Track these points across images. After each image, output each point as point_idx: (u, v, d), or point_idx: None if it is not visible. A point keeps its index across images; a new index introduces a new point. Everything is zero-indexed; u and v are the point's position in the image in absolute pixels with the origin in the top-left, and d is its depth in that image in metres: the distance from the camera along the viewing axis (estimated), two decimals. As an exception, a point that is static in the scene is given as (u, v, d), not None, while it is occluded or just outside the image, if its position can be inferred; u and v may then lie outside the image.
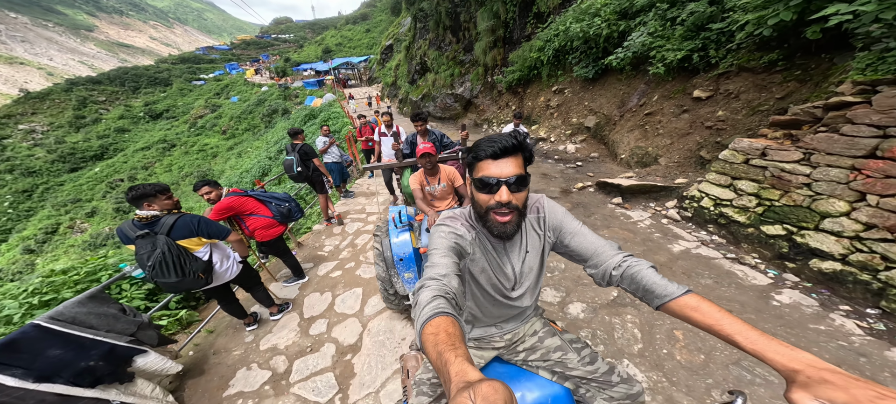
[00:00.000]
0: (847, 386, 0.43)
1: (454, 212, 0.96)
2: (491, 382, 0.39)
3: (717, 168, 3.42)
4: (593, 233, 0.91)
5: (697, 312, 0.64)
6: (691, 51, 4.44)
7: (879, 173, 2.25)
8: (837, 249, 2.44)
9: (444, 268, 0.75)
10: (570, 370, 1.01)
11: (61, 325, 1.73)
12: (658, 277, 0.75)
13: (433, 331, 0.56)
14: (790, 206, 2.75)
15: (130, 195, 1.90)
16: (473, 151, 0.83)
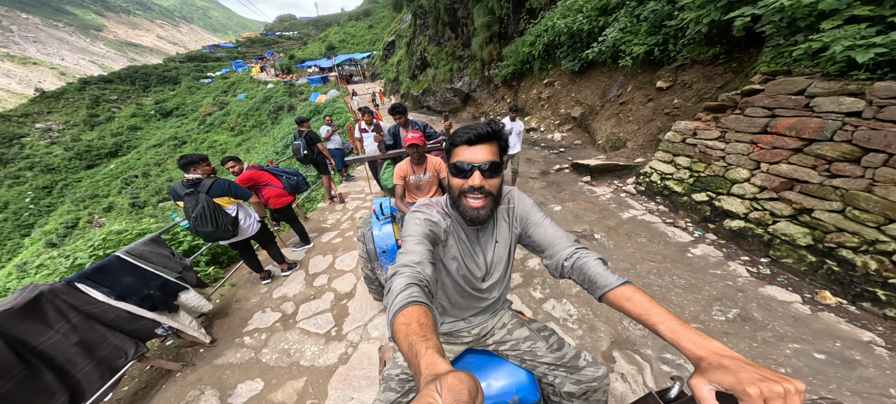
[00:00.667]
0: (737, 370, 0.46)
1: (430, 200, 0.99)
2: (456, 373, 0.41)
3: (663, 147, 3.98)
4: (555, 225, 0.94)
5: (630, 302, 0.69)
6: (653, 46, 4.95)
7: (768, 145, 2.81)
8: (741, 209, 3.00)
9: (417, 256, 0.76)
10: (538, 358, 1.04)
11: (133, 259, 2.41)
12: (601, 268, 0.78)
13: (405, 322, 0.57)
14: (711, 176, 3.32)
15: (181, 162, 2.57)
16: (451, 138, 0.87)
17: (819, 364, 1.91)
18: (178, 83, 58.62)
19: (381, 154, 2.88)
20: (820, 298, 2.36)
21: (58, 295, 1.88)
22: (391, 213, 2.44)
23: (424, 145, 2.32)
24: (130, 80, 58.41)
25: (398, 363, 1.06)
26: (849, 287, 2.29)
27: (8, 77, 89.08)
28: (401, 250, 0.80)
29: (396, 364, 1.06)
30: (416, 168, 2.38)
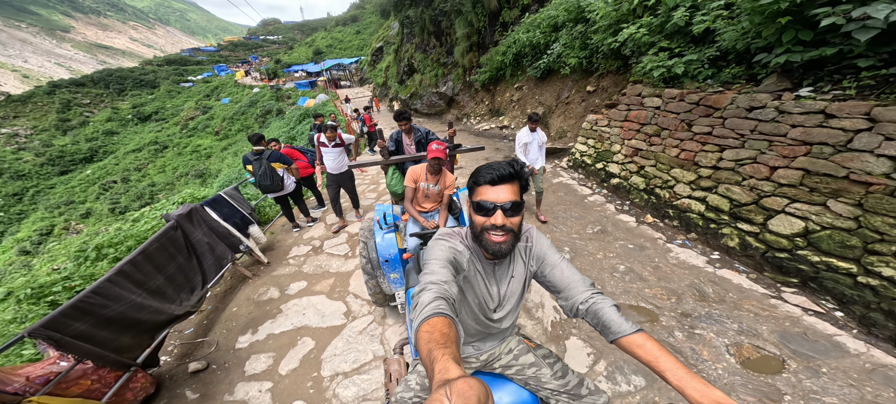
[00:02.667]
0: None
1: (452, 229, 1.08)
2: (466, 379, 0.43)
3: (582, 134, 5.76)
4: (571, 268, 1.01)
5: (642, 349, 0.75)
6: (582, 58, 6.77)
7: (627, 128, 4.59)
8: (617, 171, 4.77)
9: (443, 276, 0.82)
10: (543, 384, 1.12)
11: (228, 197, 3.95)
12: (616, 315, 0.85)
13: (428, 329, 0.62)
14: (603, 151, 5.09)
15: (252, 138, 4.14)
16: (474, 177, 0.93)
17: (628, 250, 3.60)
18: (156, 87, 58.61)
19: (384, 160, 2.95)
20: (645, 219, 4.10)
21: (198, 210, 3.42)
22: (394, 222, 2.51)
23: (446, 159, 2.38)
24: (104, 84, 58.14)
25: (410, 387, 1.10)
26: (658, 210, 4.05)
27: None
28: (426, 271, 0.87)
29: (408, 387, 1.11)
30: (430, 176, 2.45)
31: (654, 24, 4.29)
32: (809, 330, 2.39)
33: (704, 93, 3.58)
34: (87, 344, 1.99)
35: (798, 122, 2.72)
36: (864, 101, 2.39)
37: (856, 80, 2.54)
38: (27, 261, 24.42)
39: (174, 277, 2.83)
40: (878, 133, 2.27)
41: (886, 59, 2.45)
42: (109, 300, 2.22)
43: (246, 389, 2.43)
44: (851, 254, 2.40)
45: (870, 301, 2.29)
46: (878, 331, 2.28)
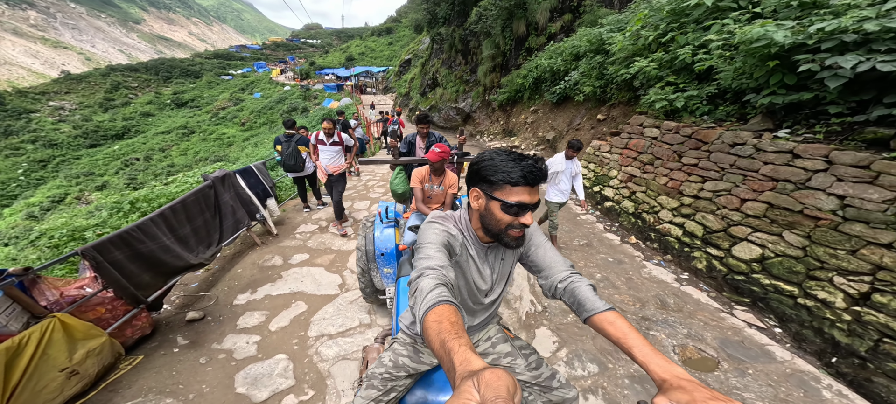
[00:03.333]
0: (692, 391, 0.55)
1: (445, 213, 1.06)
2: (494, 370, 0.43)
3: (585, 158, 6.06)
4: (553, 249, 1.04)
5: (612, 326, 0.77)
6: (597, 87, 7.14)
7: (625, 156, 4.87)
8: (611, 194, 5.03)
9: (440, 260, 0.83)
10: (517, 374, 1.14)
11: (256, 169, 4.50)
12: (591, 294, 0.87)
13: (436, 319, 0.63)
14: (601, 175, 5.37)
15: (286, 123, 4.73)
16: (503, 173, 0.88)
17: (608, 262, 3.86)
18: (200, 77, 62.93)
19: (394, 159, 3.06)
20: (629, 239, 4.33)
21: (231, 176, 3.96)
22: (394, 218, 2.60)
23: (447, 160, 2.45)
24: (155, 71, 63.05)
25: (383, 362, 1.14)
26: (642, 233, 4.27)
27: (34, 57, 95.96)
28: (421, 255, 0.87)
29: (381, 363, 1.14)
30: (433, 178, 2.51)
31: (664, 59, 4.63)
32: (747, 339, 2.62)
33: (698, 127, 3.86)
34: (118, 272, 2.42)
35: (769, 160, 2.97)
36: (826, 144, 2.64)
37: (826, 125, 2.79)
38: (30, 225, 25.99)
39: (199, 230, 3.31)
40: (832, 174, 2.52)
41: (853, 107, 2.70)
42: (147, 237, 2.69)
43: (234, 340, 2.74)
44: (795, 279, 2.61)
45: (804, 319, 2.49)
46: (806, 346, 2.49)
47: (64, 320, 1.95)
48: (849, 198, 2.41)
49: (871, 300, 2.24)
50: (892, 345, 2.11)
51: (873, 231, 2.27)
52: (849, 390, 2.20)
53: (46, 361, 1.80)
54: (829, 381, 2.24)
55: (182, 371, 2.44)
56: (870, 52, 2.40)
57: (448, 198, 2.56)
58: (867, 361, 2.19)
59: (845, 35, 2.50)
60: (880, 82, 2.45)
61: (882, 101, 2.43)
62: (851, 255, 2.36)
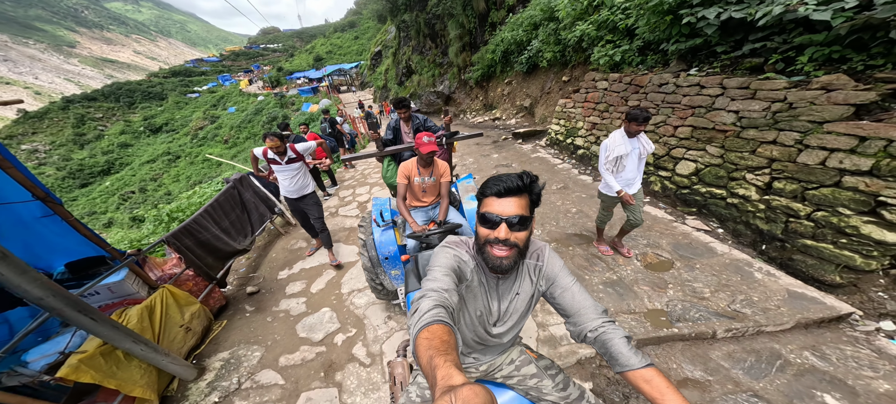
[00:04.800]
0: None
1: (459, 238, 1.07)
2: (472, 386, 0.43)
3: (555, 116, 6.75)
4: (583, 291, 0.98)
5: (648, 385, 0.74)
6: (557, 52, 7.75)
7: (586, 108, 5.57)
8: (581, 143, 5.76)
9: (445, 284, 0.84)
10: (544, 395, 1.12)
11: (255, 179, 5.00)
12: (625, 348, 0.83)
13: (428, 337, 0.63)
14: (570, 128, 6.08)
15: (280, 126, 5.18)
16: (482, 188, 0.92)
17: (582, 198, 4.59)
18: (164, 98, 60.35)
19: (379, 151, 2.83)
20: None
21: (246, 178, 4.48)
22: (392, 218, 2.45)
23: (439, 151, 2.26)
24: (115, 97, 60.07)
25: (411, 399, 1.10)
26: (608, 169, 5.02)
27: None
28: (428, 277, 0.88)
29: (409, 400, 1.10)
30: (422, 170, 2.34)
31: (600, 20, 5.28)
32: (694, 241, 3.35)
33: (635, 75, 4.56)
34: (190, 255, 3.03)
35: (686, 93, 3.69)
36: (720, 75, 3.37)
37: (719, 62, 3.52)
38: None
39: (235, 223, 3.88)
40: (727, 96, 3.26)
41: (733, 46, 3.42)
42: (201, 228, 3.27)
43: (287, 303, 3.41)
44: (722, 183, 3.38)
45: (735, 216, 3.27)
46: (742, 239, 3.25)
47: (171, 289, 2.55)
48: (741, 112, 3.15)
49: (772, 188, 2.98)
50: (796, 223, 2.78)
51: (762, 132, 3.03)
52: (775, 269, 2.73)
53: (169, 319, 2.40)
54: (759, 265, 2.84)
55: (256, 328, 3.10)
56: (727, 4, 3.10)
57: (444, 189, 2.35)
58: (784, 242, 2.86)
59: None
60: (745, 26, 3.17)
61: (749, 39, 3.15)
62: (752, 155, 3.11)
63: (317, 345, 2.83)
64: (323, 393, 2.41)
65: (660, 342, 2.50)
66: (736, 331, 2.43)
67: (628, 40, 4.89)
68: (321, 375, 2.55)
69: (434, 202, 2.54)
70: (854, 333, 2.35)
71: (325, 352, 2.75)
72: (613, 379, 2.27)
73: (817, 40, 2.70)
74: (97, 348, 1.95)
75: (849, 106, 2.43)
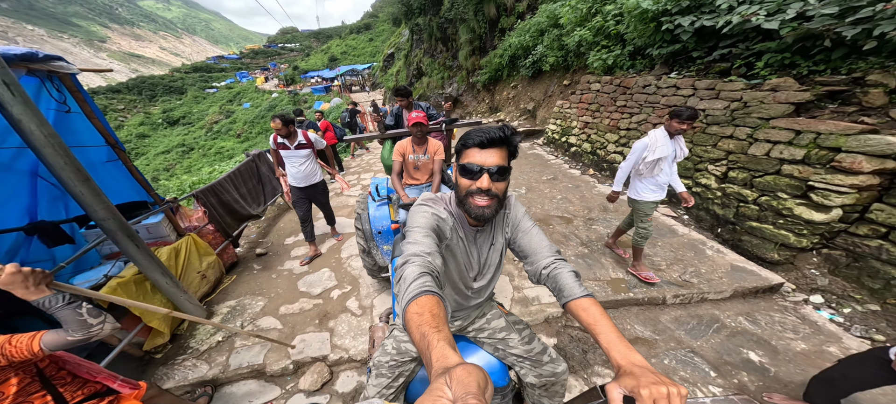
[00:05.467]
0: (639, 376, 0.56)
1: (436, 195, 1.07)
2: (466, 366, 0.45)
3: (552, 117, 7.15)
4: (540, 233, 1.03)
5: (585, 312, 0.78)
6: (560, 57, 8.17)
7: (580, 108, 5.96)
8: (574, 141, 6.14)
9: (427, 246, 0.84)
10: (510, 348, 1.19)
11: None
12: (571, 280, 0.87)
13: (418, 311, 0.64)
14: (566, 127, 6.47)
15: (294, 112, 5.71)
16: (462, 139, 0.93)
17: (568, 188, 4.97)
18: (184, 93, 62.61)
19: (381, 134, 3.02)
20: (588, 172, 5.45)
21: (263, 154, 5.02)
22: (387, 195, 2.56)
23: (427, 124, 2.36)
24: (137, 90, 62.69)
25: (387, 350, 1.16)
26: (598, 166, 5.39)
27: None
28: (408, 240, 0.88)
29: (385, 351, 1.16)
30: (416, 147, 2.45)
31: (596, 27, 5.69)
32: (660, 223, 3.73)
33: (624, 77, 4.94)
34: (214, 211, 3.52)
35: (665, 93, 4.07)
36: (692, 78, 3.75)
37: (695, 66, 3.89)
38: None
39: (251, 191, 4.40)
40: (697, 96, 3.63)
41: (707, 51, 3.79)
42: (224, 190, 3.78)
43: (291, 264, 3.87)
44: (689, 173, 3.75)
45: (698, 203, 3.64)
46: (703, 224, 3.61)
47: (195, 238, 3.03)
48: (708, 110, 3.52)
49: (728, 177, 3.36)
50: (745, 208, 3.19)
51: (722, 128, 3.39)
52: (724, 247, 3.16)
53: (190, 264, 2.87)
54: (712, 243, 3.27)
55: (262, 283, 3.55)
56: (700, 13, 3.49)
57: (436, 166, 2.47)
58: (736, 225, 3.27)
59: (683, 2, 3.59)
60: (716, 33, 3.55)
61: (719, 46, 3.53)
62: (714, 147, 3.48)
63: (315, 298, 3.26)
64: (316, 336, 2.80)
65: (618, 306, 2.87)
66: (683, 298, 2.78)
67: (620, 45, 5.28)
68: (316, 322, 2.96)
69: (428, 181, 2.64)
70: (784, 303, 2.67)
71: (322, 304, 3.17)
72: (575, 336, 2.64)
73: (772, 47, 3.07)
74: (132, 276, 2.41)
75: (790, 105, 2.79)
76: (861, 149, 2.31)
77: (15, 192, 2.46)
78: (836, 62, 2.68)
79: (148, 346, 2.57)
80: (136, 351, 2.58)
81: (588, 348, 2.55)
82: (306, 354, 2.54)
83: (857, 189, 2.37)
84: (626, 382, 0.57)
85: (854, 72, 2.56)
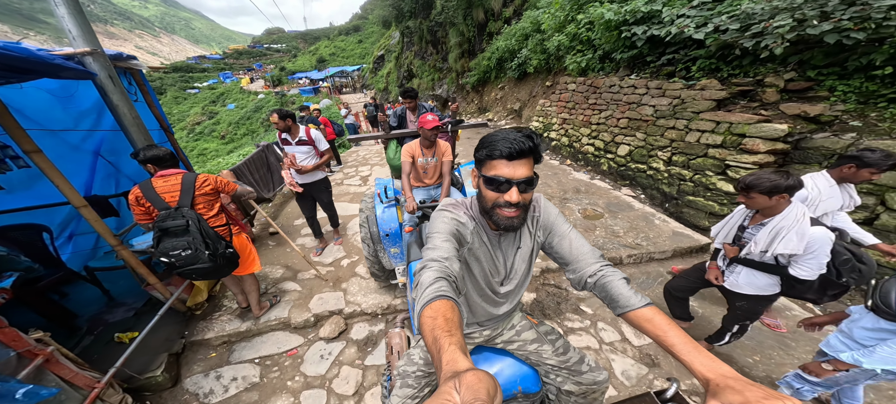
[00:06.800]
0: (743, 391, 0.53)
1: (456, 200, 1.06)
2: (476, 372, 0.45)
3: (536, 114, 7.93)
4: (580, 237, 1.00)
5: (650, 323, 0.76)
6: (542, 60, 8.99)
7: (559, 106, 6.74)
8: (555, 135, 6.91)
9: (445, 252, 0.84)
10: (544, 360, 1.17)
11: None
12: (625, 289, 0.84)
13: (432, 315, 0.64)
14: (547, 123, 7.25)
15: (301, 107, 6.30)
16: (487, 148, 0.88)
17: (547, 175, 5.71)
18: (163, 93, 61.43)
19: (385, 134, 3.07)
20: (565, 162, 6.21)
21: (270, 146, 5.59)
22: (395, 196, 2.54)
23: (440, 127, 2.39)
24: (114, 90, 61.15)
25: (414, 361, 1.15)
26: (574, 157, 6.16)
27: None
28: (428, 245, 0.88)
29: (411, 361, 1.16)
30: (425, 151, 2.47)
31: (571, 33, 6.49)
32: (622, 202, 4.50)
33: (595, 78, 5.74)
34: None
35: (626, 92, 4.88)
36: (646, 79, 4.54)
37: (649, 69, 4.69)
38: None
39: (263, 177, 5.00)
40: (650, 95, 4.43)
41: (657, 57, 4.60)
42: (242, 174, 4.37)
43: (303, 240, 4.47)
44: (644, 160, 4.55)
45: (650, 184, 4.45)
46: (654, 201, 4.41)
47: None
48: (656, 106, 4.32)
49: (672, 161, 4.13)
50: (684, 185, 3.98)
51: (667, 121, 4.18)
52: (669, 218, 3.97)
53: None
54: (660, 216, 4.07)
55: (278, 255, 4.13)
56: (651, 24, 4.30)
57: (445, 167, 2.51)
58: (678, 200, 4.06)
59: (638, 14, 4.40)
60: (664, 41, 4.36)
61: (666, 52, 4.34)
62: (661, 137, 4.27)
63: (327, 267, 3.86)
64: (332, 294, 3.41)
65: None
66: (635, 257, 3.51)
67: (592, 50, 6.09)
68: (330, 285, 3.56)
69: (436, 183, 2.69)
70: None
71: (334, 271, 3.78)
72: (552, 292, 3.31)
73: (701, 54, 3.87)
74: None
75: (713, 101, 3.58)
76: (758, 135, 3.09)
77: (78, 169, 3.00)
78: (746, 67, 3.48)
79: (191, 302, 3.13)
80: (180, 307, 3.13)
81: (562, 300, 3.22)
82: (324, 309, 3.13)
83: (758, 165, 3.14)
84: (729, 398, 0.54)
85: (757, 75, 3.35)
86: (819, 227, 1.57)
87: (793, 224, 1.60)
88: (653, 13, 4.37)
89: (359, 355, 2.66)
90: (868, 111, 2.68)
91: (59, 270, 2.96)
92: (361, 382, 2.44)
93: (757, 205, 1.69)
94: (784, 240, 1.62)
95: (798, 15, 2.74)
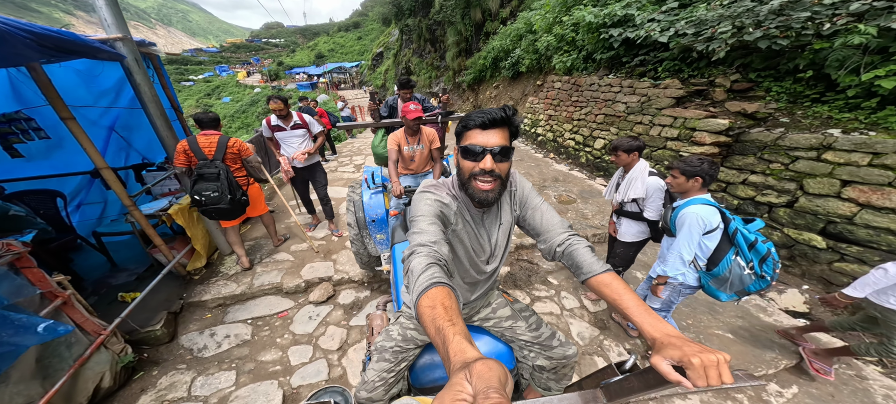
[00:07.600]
0: (682, 346, 0.60)
1: (437, 181, 1.07)
2: (485, 361, 0.47)
3: (525, 111, 8.36)
4: (550, 209, 1.05)
5: (608, 288, 0.82)
6: (535, 60, 9.43)
7: (547, 103, 7.18)
8: (542, 131, 7.35)
9: (432, 235, 0.85)
10: (518, 336, 1.24)
11: None
12: (589, 256, 0.91)
13: (430, 304, 0.65)
14: (535, 120, 7.68)
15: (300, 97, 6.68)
16: (463, 121, 0.93)
17: (530, 166, 6.15)
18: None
19: (375, 122, 3.17)
20: (549, 155, 6.64)
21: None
22: (382, 183, 2.61)
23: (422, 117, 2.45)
24: (108, 80, 60.99)
25: (392, 336, 1.21)
26: (557, 151, 6.59)
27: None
28: (414, 229, 0.88)
29: (390, 337, 1.21)
30: (410, 139, 2.52)
31: (559, 34, 6.94)
32: (593, 189, 4.98)
33: (578, 77, 6.18)
34: None
35: (603, 90, 5.32)
36: (620, 78, 4.98)
37: (624, 69, 5.13)
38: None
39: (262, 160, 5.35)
40: (622, 93, 4.88)
41: (631, 58, 5.04)
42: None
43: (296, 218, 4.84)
44: None
45: None
46: None
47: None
48: (627, 103, 4.77)
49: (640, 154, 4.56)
50: None
51: (636, 116, 4.62)
52: None
53: None
54: None
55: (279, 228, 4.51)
56: (626, 27, 4.75)
57: (435, 153, 2.61)
58: None
59: (614, 17, 4.84)
60: (636, 44, 4.80)
61: (639, 54, 4.78)
62: (630, 131, 4.70)
63: (319, 241, 4.24)
64: (322, 264, 3.78)
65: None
66: (600, 237, 3.92)
67: (577, 51, 6.53)
68: (321, 256, 3.95)
69: (424, 170, 2.78)
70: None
71: (325, 244, 4.17)
72: (524, 267, 3.72)
73: (666, 56, 4.31)
74: (187, 205, 3.35)
75: (673, 98, 4.02)
76: (705, 128, 3.53)
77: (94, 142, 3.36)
78: (702, 69, 3.93)
79: (190, 267, 3.50)
80: (181, 270, 3.50)
81: (532, 274, 3.62)
82: (315, 276, 3.50)
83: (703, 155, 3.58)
84: (671, 353, 0.61)
85: (710, 76, 3.80)
86: (655, 177, 2.16)
87: (639, 174, 2.18)
88: (628, 17, 4.82)
89: (345, 317, 2.92)
90: (795, 109, 3.12)
91: (69, 234, 3.32)
92: (346, 340, 2.67)
93: (622, 162, 2.24)
94: (633, 186, 2.19)
95: (737, 23, 3.18)
